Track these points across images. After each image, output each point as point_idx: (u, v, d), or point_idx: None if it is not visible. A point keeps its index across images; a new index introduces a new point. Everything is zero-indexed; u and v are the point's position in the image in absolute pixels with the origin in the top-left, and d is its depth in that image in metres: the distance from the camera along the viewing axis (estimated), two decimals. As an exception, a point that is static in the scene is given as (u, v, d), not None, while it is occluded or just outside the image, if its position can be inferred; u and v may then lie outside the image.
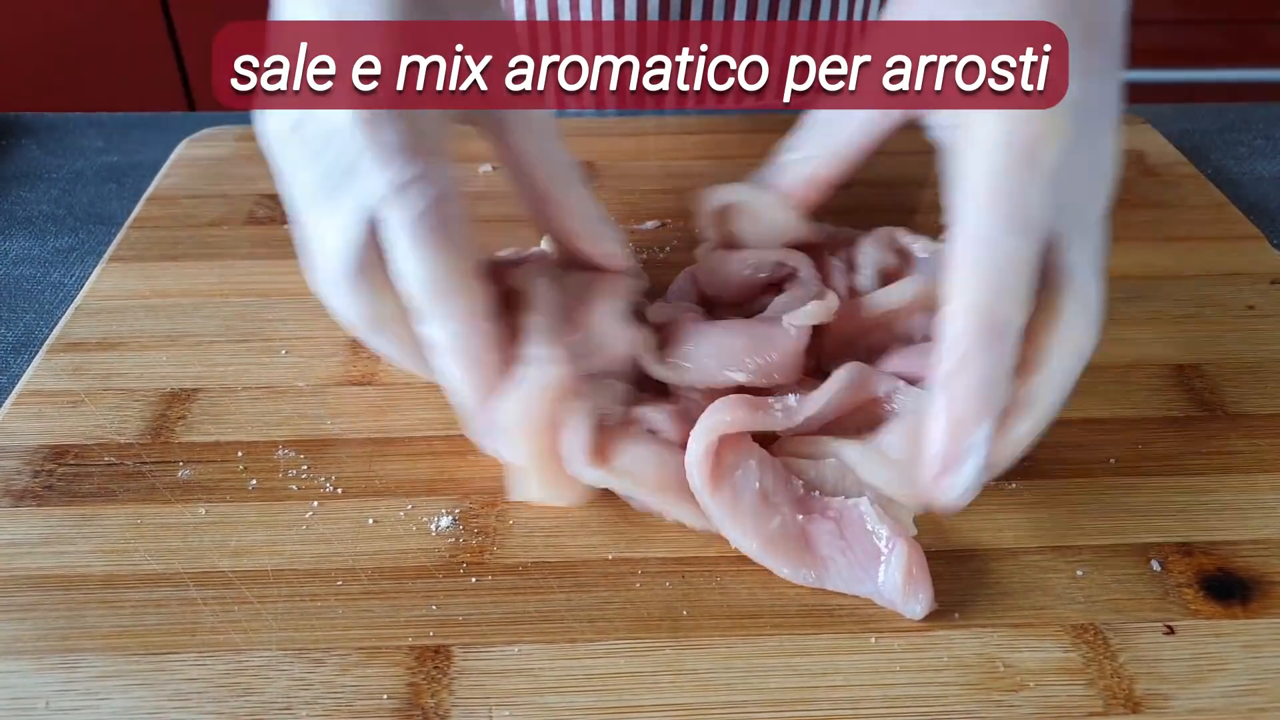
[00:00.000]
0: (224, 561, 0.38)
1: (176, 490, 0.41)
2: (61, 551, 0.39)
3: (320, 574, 0.38)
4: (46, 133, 0.70)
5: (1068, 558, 0.39)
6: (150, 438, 0.43)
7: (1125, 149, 0.64)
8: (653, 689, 0.34)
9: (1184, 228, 0.58)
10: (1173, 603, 0.37)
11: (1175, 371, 0.48)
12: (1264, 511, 0.41)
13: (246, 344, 0.49)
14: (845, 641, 0.36)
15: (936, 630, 0.36)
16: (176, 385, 0.46)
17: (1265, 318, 0.51)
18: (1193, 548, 0.39)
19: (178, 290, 0.52)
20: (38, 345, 0.50)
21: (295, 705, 0.34)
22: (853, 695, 0.34)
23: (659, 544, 0.39)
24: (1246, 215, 0.58)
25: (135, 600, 0.37)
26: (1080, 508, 0.41)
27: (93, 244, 0.59)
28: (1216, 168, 0.66)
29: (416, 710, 0.33)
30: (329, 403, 0.45)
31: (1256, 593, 0.38)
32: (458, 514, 0.40)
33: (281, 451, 0.43)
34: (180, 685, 0.34)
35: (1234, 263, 0.54)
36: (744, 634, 0.36)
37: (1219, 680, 0.35)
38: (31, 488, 0.41)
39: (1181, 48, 1.68)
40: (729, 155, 0.64)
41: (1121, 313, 0.51)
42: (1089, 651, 0.35)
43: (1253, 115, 0.73)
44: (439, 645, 0.36)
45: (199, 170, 0.62)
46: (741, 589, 0.38)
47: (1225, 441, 0.44)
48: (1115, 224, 0.57)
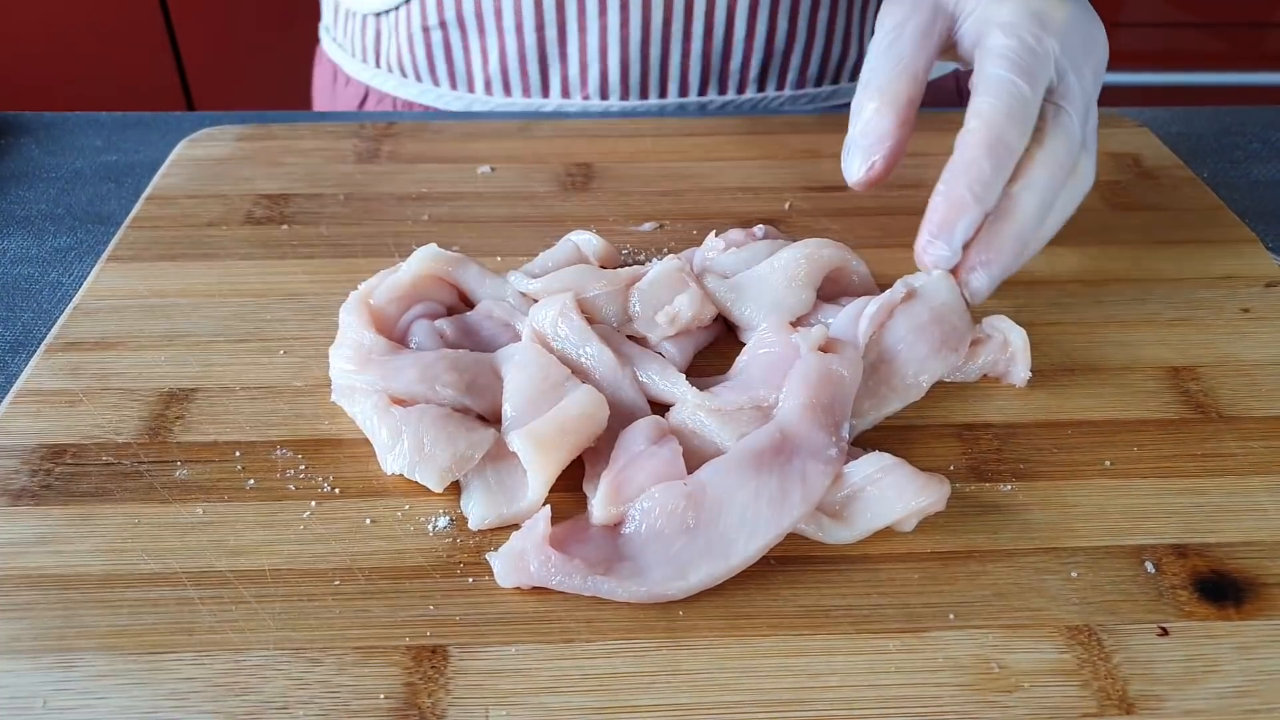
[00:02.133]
0: (221, 561, 0.38)
1: (174, 490, 0.41)
2: (59, 551, 0.39)
3: (317, 574, 0.38)
4: (45, 132, 0.70)
5: (1062, 559, 0.39)
6: (148, 437, 0.43)
7: (1121, 152, 0.64)
8: (649, 689, 0.34)
9: (1180, 231, 0.58)
10: (1167, 604, 0.37)
11: (1170, 374, 0.48)
12: (1258, 513, 0.41)
13: (244, 344, 0.49)
14: (840, 642, 0.36)
15: (931, 631, 0.36)
16: (174, 385, 0.46)
17: (1260, 321, 0.51)
18: (1187, 549, 0.39)
19: (176, 290, 0.52)
20: (36, 345, 0.50)
21: (292, 705, 0.34)
22: (848, 696, 0.34)
23: (655, 545, 0.39)
24: (1242, 219, 0.59)
25: (133, 599, 0.37)
26: (1075, 509, 0.41)
27: (91, 243, 0.59)
28: (1213, 171, 0.67)
29: (413, 710, 0.34)
30: (327, 403, 0.45)
31: (1250, 594, 0.38)
32: (455, 515, 0.40)
33: (279, 452, 0.43)
34: (177, 684, 0.34)
35: (1229, 266, 0.55)
36: (740, 635, 0.36)
37: (1212, 682, 0.35)
38: (29, 487, 0.41)
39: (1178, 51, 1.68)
40: (727, 157, 0.64)
41: (1116, 315, 0.51)
42: (1083, 653, 0.36)
43: (1249, 119, 0.73)
44: (436, 645, 0.36)
45: (197, 170, 0.62)
46: (737, 590, 0.38)
47: (1219, 444, 0.44)
48: (1111, 227, 0.58)
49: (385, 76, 0.78)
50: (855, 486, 0.40)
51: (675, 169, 0.63)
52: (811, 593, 0.38)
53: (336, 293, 0.52)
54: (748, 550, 0.38)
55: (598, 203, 0.60)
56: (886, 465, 0.40)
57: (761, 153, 0.64)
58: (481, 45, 0.72)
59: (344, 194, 0.60)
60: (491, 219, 0.58)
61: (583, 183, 0.61)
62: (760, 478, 0.39)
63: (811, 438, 0.40)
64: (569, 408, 0.41)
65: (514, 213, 0.59)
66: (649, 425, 0.41)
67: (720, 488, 0.39)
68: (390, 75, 0.78)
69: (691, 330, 0.48)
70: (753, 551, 0.38)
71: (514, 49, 0.72)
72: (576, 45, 0.71)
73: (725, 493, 0.39)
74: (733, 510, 0.38)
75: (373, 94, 0.79)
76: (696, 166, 0.63)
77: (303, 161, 0.63)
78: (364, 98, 0.80)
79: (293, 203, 0.59)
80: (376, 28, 0.77)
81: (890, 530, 0.40)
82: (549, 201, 0.60)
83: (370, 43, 0.78)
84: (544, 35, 0.71)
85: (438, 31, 0.73)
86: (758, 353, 0.45)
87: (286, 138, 0.65)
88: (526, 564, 0.37)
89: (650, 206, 0.59)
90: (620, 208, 0.59)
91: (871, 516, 0.39)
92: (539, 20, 0.70)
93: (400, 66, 0.76)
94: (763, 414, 0.42)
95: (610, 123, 0.68)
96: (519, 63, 0.72)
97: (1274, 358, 0.49)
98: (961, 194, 0.45)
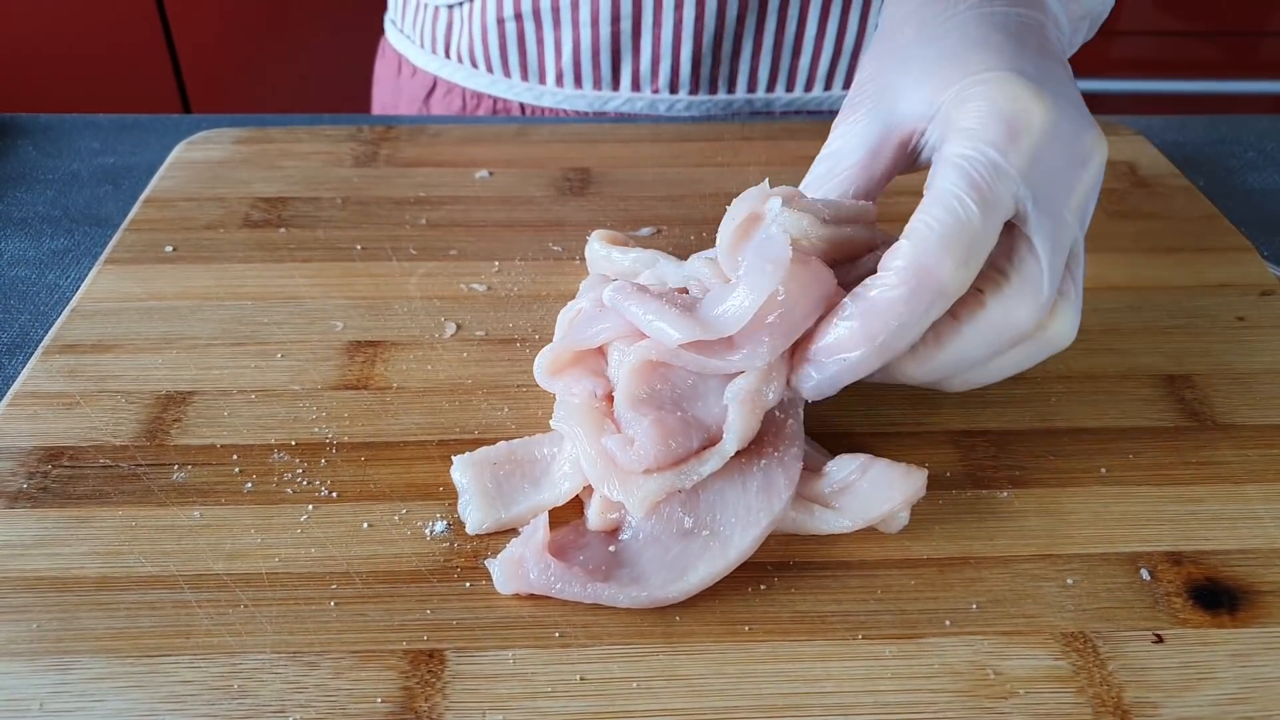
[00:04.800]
0: (219, 564, 0.38)
1: (171, 493, 0.41)
2: (56, 553, 0.39)
3: (315, 578, 0.38)
4: (43, 134, 0.70)
5: (1058, 566, 0.39)
6: (145, 440, 0.43)
7: (1117, 160, 0.64)
8: (645, 695, 0.34)
9: (1175, 239, 0.58)
10: (1162, 611, 0.37)
11: (1165, 382, 0.48)
12: (1253, 521, 0.41)
13: (242, 347, 0.49)
14: (836, 648, 0.36)
15: (927, 637, 0.36)
16: (172, 388, 0.46)
17: (1255, 329, 0.51)
18: (1182, 557, 0.40)
19: (173, 293, 0.52)
20: (33, 347, 0.50)
21: (289, 708, 0.34)
22: (843, 701, 0.34)
23: (652, 550, 0.39)
24: (1237, 227, 0.59)
25: (130, 602, 0.37)
26: (1070, 516, 0.41)
27: (88, 246, 0.59)
28: (1208, 179, 0.67)
29: (410, 714, 0.34)
30: (324, 407, 0.45)
31: (1245, 602, 0.38)
32: (452, 519, 0.40)
33: (276, 455, 0.43)
34: (175, 688, 0.34)
35: (1224, 274, 0.55)
36: (737, 640, 0.36)
37: (1207, 689, 0.35)
38: (26, 490, 0.41)
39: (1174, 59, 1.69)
40: (725, 163, 0.64)
41: (1112, 323, 0.51)
42: (1078, 659, 0.36)
43: (1245, 127, 0.73)
44: (433, 649, 0.36)
45: (195, 173, 0.62)
46: (734, 595, 0.38)
47: (1215, 451, 0.44)
48: (1106, 235, 0.58)
49: (455, 67, 0.78)
50: (842, 482, 0.40)
51: (673, 174, 0.63)
52: (808, 598, 0.38)
53: (334, 296, 0.52)
54: (744, 543, 0.38)
55: (595, 207, 0.60)
56: (864, 462, 0.40)
57: (760, 158, 0.65)
58: (556, 37, 0.73)
59: (341, 197, 0.60)
60: (489, 223, 0.58)
61: (580, 187, 0.61)
62: (745, 469, 0.39)
63: (772, 429, 0.41)
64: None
65: (512, 217, 0.59)
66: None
67: (711, 486, 0.39)
68: (460, 66, 0.78)
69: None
70: (749, 544, 0.38)
71: (588, 42, 0.72)
72: (650, 39, 0.71)
73: (716, 490, 0.39)
74: (725, 505, 0.39)
75: (440, 84, 0.80)
76: (694, 172, 0.63)
77: (300, 165, 0.63)
78: (431, 88, 0.81)
79: (290, 206, 0.59)
80: (449, 19, 0.77)
81: (886, 536, 0.40)
82: (547, 206, 0.60)
83: (441, 33, 0.78)
84: (619, 28, 0.71)
85: (512, 23, 0.73)
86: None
87: (284, 141, 0.65)
88: (526, 571, 0.37)
89: (648, 211, 0.59)
90: (618, 213, 0.59)
91: (864, 506, 0.39)
92: (615, 13, 0.70)
93: (471, 57, 0.77)
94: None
95: (608, 127, 0.68)
96: (591, 55, 0.73)
97: (1269, 366, 0.49)
98: (859, 339, 0.38)
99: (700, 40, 0.71)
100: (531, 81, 0.76)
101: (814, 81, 0.74)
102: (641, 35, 0.71)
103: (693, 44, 0.71)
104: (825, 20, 0.71)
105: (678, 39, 0.71)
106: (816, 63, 0.73)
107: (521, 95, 0.76)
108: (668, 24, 0.70)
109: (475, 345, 0.49)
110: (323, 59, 1.66)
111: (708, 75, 0.73)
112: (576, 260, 0.55)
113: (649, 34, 0.71)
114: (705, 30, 0.70)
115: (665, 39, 0.71)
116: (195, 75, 1.72)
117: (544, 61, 0.74)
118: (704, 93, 0.74)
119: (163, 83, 1.72)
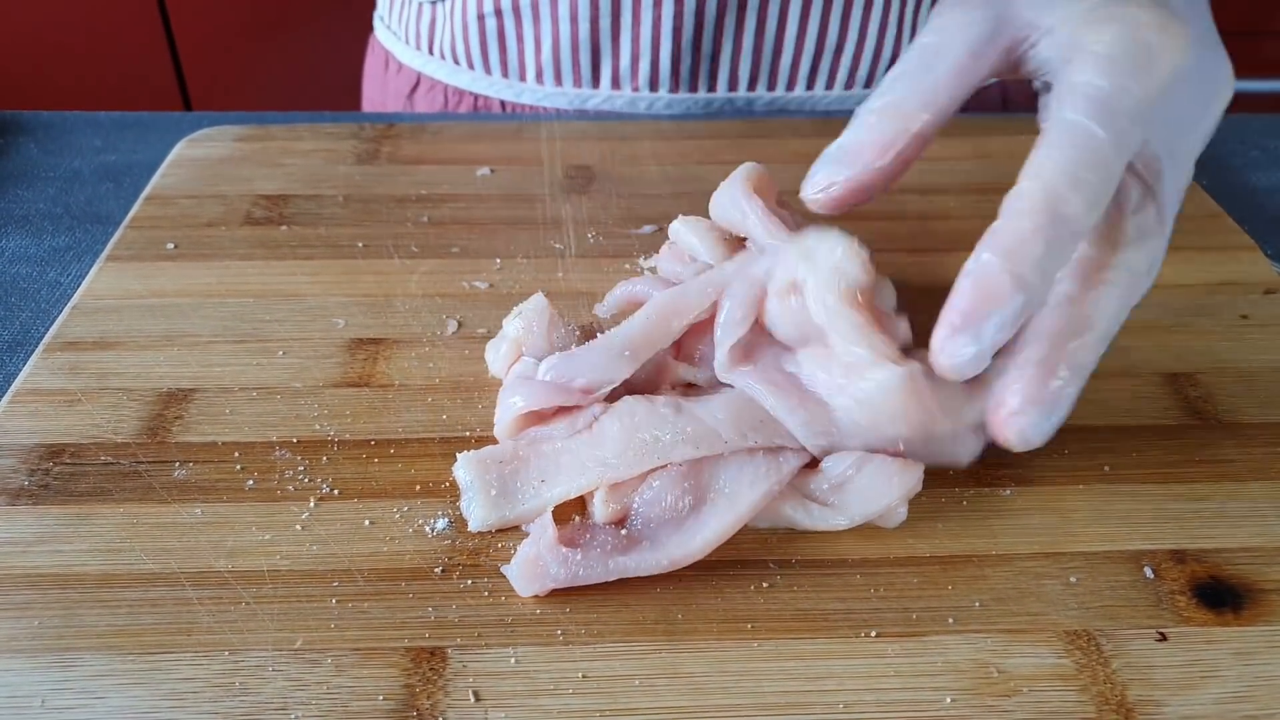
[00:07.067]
0: (220, 562, 0.38)
1: (173, 490, 0.41)
2: (57, 550, 0.39)
3: (316, 575, 0.38)
4: (44, 131, 0.70)
5: (1061, 564, 0.39)
6: (147, 437, 0.43)
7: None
8: (647, 692, 0.34)
9: (1178, 237, 0.57)
10: (1165, 610, 0.37)
11: (1169, 380, 0.48)
12: (1256, 519, 0.41)
13: (243, 344, 0.49)
14: (839, 646, 0.36)
15: (930, 635, 0.36)
16: (173, 385, 0.46)
17: (1258, 327, 0.51)
18: (1186, 555, 0.39)
19: (175, 290, 0.52)
20: (34, 344, 0.50)
21: (291, 705, 0.34)
22: (846, 699, 0.34)
23: (655, 547, 0.39)
24: (1241, 225, 0.59)
25: (131, 600, 0.37)
26: (1074, 514, 0.41)
27: (90, 243, 0.59)
28: (1212, 178, 0.67)
29: (412, 711, 0.34)
30: (326, 404, 0.45)
31: (1249, 600, 0.38)
32: (454, 516, 0.40)
33: (278, 452, 0.43)
34: (176, 685, 0.34)
35: (1228, 273, 0.55)
36: (738, 637, 0.36)
37: (1211, 687, 0.35)
38: (27, 487, 0.41)
39: (1177, 57, 1.68)
40: (727, 160, 0.64)
41: (1116, 321, 0.51)
42: (1082, 657, 0.36)
43: (1248, 126, 0.73)
44: (434, 647, 0.36)
45: (196, 170, 0.62)
46: (736, 592, 0.38)
47: (1218, 449, 0.44)
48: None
49: (438, 64, 0.78)
50: (838, 478, 0.40)
51: (675, 172, 0.63)
52: (810, 596, 0.38)
53: (336, 293, 0.52)
54: (754, 496, 0.38)
55: (598, 205, 0.60)
56: (860, 458, 0.40)
57: (762, 156, 0.64)
58: (535, 33, 0.73)
59: (343, 195, 0.60)
60: (491, 221, 0.58)
61: (583, 185, 0.61)
62: (746, 440, 0.40)
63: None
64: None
65: (514, 215, 0.59)
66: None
67: (716, 462, 0.39)
68: (443, 63, 0.78)
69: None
70: (758, 497, 0.38)
71: (567, 38, 0.72)
72: (629, 36, 0.71)
73: (719, 461, 0.39)
74: (729, 470, 0.39)
75: (424, 81, 0.80)
76: (697, 169, 0.63)
77: (302, 162, 0.63)
78: (415, 85, 0.81)
79: (292, 203, 0.59)
80: (432, 15, 0.77)
81: (888, 533, 0.40)
82: (549, 204, 0.60)
83: (425, 29, 0.78)
84: (598, 25, 0.71)
85: (492, 19, 0.73)
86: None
87: (285, 138, 0.65)
88: (545, 568, 0.37)
89: (651, 209, 0.59)
90: (620, 210, 0.59)
91: (861, 502, 0.39)
92: (594, 10, 0.70)
93: (453, 54, 0.77)
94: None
95: (610, 124, 0.68)
96: (571, 52, 0.73)
97: (1273, 364, 0.49)
98: (1000, 280, 0.34)
99: (680, 38, 0.71)
100: (512, 78, 0.76)
101: (795, 81, 0.74)
102: (621, 32, 0.71)
103: (672, 42, 0.71)
104: (806, 21, 0.71)
105: (657, 37, 0.71)
106: (797, 63, 0.73)
107: (502, 92, 0.76)
108: (647, 21, 0.70)
109: (477, 342, 0.49)
110: (325, 56, 1.66)
111: (688, 74, 0.73)
112: (578, 257, 0.55)
113: (628, 31, 0.71)
114: (685, 28, 0.70)
115: (645, 37, 0.71)
116: (196, 72, 1.73)
117: (524, 58, 0.74)
118: (684, 91, 0.74)
119: (164, 80, 1.72)
